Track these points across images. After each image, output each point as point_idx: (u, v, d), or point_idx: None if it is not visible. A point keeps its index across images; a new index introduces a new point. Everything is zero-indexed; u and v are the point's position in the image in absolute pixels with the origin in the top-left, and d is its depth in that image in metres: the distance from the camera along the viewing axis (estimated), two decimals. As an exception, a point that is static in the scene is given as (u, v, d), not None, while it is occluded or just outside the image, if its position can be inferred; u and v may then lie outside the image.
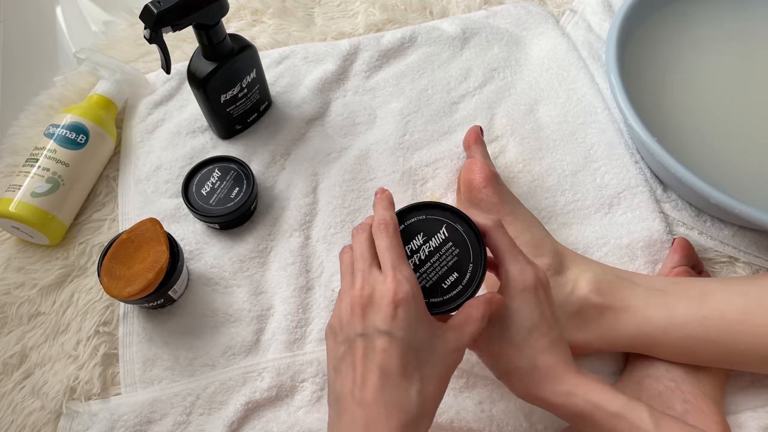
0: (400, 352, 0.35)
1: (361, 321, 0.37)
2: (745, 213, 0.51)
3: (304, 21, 0.75)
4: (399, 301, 0.36)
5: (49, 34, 0.81)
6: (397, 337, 0.35)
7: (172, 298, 0.55)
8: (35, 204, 0.57)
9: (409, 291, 0.36)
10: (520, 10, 0.75)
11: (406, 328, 0.36)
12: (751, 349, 0.45)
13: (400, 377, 0.35)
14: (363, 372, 0.35)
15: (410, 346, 0.35)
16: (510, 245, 0.41)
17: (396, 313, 0.36)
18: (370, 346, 0.36)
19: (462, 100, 0.68)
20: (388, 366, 0.35)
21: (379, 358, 0.35)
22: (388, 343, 0.35)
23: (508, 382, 0.42)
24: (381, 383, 0.34)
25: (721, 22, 0.68)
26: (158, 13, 0.48)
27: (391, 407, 0.34)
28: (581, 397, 0.39)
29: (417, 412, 0.34)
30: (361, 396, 0.35)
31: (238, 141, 0.65)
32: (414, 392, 0.34)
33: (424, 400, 0.35)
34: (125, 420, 0.52)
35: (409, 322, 0.36)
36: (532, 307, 0.40)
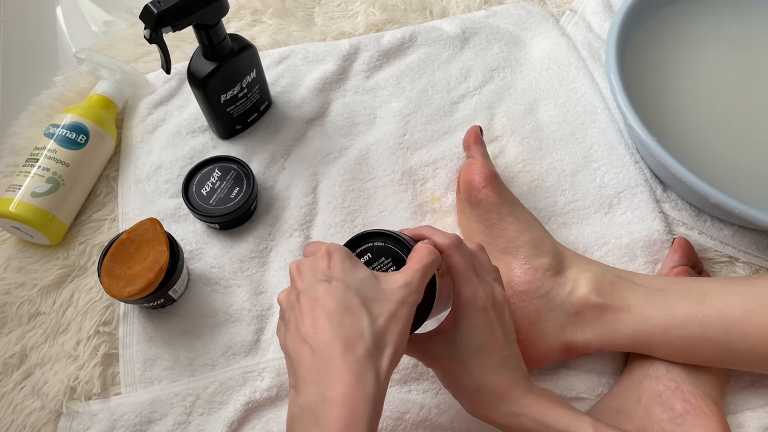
0: (341, 293, 0.35)
1: (300, 282, 0.37)
2: (745, 213, 0.51)
3: (304, 21, 0.75)
4: (331, 251, 0.37)
5: (49, 34, 0.81)
6: (334, 280, 0.36)
7: (172, 298, 0.55)
8: (35, 204, 0.57)
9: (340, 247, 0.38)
10: (520, 10, 0.75)
11: (343, 273, 0.36)
12: (751, 349, 0.45)
13: (346, 314, 0.35)
14: (311, 321, 0.35)
15: (350, 287, 0.36)
16: (462, 266, 0.41)
17: (330, 263, 0.37)
18: (311, 297, 0.36)
19: (462, 100, 0.68)
20: (332, 306, 0.35)
21: (322, 303, 0.35)
22: (327, 288, 0.36)
23: (459, 400, 0.43)
24: (330, 323, 0.35)
25: (721, 23, 0.68)
26: (158, 13, 0.48)
27: (346, 341, 0.34)
28: (527, 416, 0.40)
29: (373, 341, 0.34)
30: (314, 340, 0.35)
31: (238, 141, 0.65)
32: (365, 324, 0.35)
33: (378, 332, 0.35)
34: (125, 420, 0.52)
35: (344, 267, 0.37)
36: (481, 327, 0.41)
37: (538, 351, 0.50)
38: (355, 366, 0.33)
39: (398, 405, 0.51)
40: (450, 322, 0.42)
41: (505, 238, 0.52)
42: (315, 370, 0.34)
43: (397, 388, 0.52)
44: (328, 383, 0.33)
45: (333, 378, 0.33)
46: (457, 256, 0.42)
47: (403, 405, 0.51)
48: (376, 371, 0.34)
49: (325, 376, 0.34)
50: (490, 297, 0.41)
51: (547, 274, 0.51)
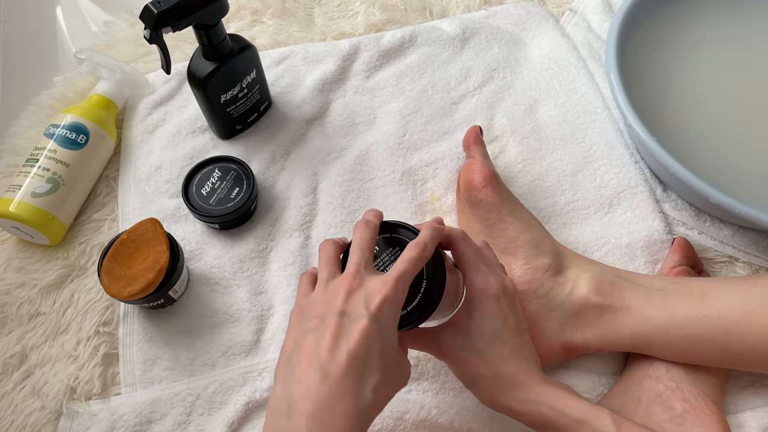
0: (372, 341, 0.35)
1: (344, 302, 0.36)
2: (745, 213, 0.51)
3: (304, 21, 0.75)
4: (389, 298, 0.36)
5: (49, 34, 0.81)
6: (375, 326, 0.35)
7: (172, 298, 0.55)
8: (35, 204, 0.57)
9: (400, 297, 0.37)
10: (520, 10, 0.75)
11: (385, 324, 0.36)
12: (751, 349, 0.45)
13: (365, 364, 0.34)
14: (332, 346, 0.34)
15: (381, 341, 0.35)
16: (473, 256, 0.42)
17: (382, 307, 0.36)
18: (347, 325, 0.35)
19: (462, 100, 0.68)
20: (360, 350, 0.34)
21: (354, 338, 0.34)
22: (366, 329, 0.35)
23: (473, 390, 0.43)
24: (348, 363, 0.34)
25: (721, 23, 0.68)
26: (158, 13, 0.48)
27: (350, 389, 0.34)
28: (544, 404, 0.39)
29: (370, 404, 0.34)
30: (326, 368, 0.34)
31: (238, 141, 0.65)
32: (371, 384, 0.34)
33: (377, 397, 0.35)
34: (125, 420, 0.52)
35: (389, 320, 0.36)
36: (494, 315, 0.41)
37: (538, 351, 0.50)
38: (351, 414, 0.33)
39: (398, 405, 0.51)
40: (463, 313, 0.42)
41: (505, 238, 0.52)
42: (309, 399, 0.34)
43: (397, 388, 0.52)
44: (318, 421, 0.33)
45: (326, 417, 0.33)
46: (466, 247, 0.42)
47: (403, 405, 0.51)
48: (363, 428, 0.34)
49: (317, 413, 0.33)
50: (502, 286, 0.42)
51: (547, 274, 0.51)
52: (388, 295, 0.36)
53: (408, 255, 0.38)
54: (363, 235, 0.40)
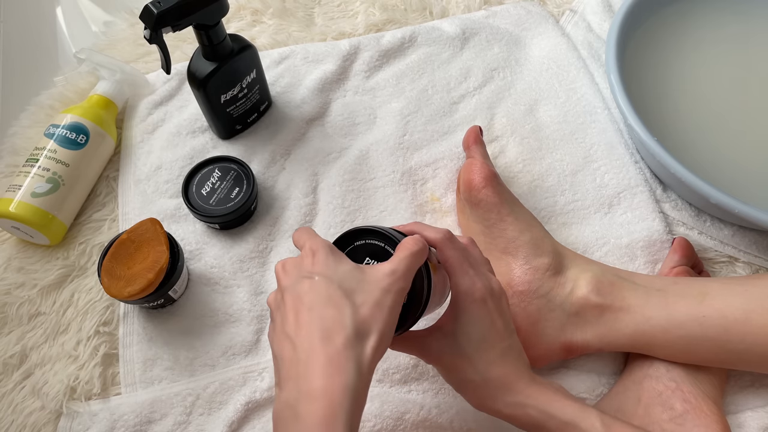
0: (323, 287, 0.35)
1: (285, 280, 0.38)
2: (745, 213, 0.51)
3: (304, 21, 0.75)
4: (315, 248, 0.38)
5: (49, 34, 0.81)
6: (317, 276, 0.36)
7: (172, 298, 0.55)
8: (35, 204, 0.57)
9: (323, 241, 0.38)
10: (520, 10, 0.75)
11: (325, 268, 0.36)
12: (751, 348, 0.45)
13: (328, 306, 0.35)
14: (294, 315, 0.35)
15: (332, 281, 0.36)
16: (458, 259, 0.42)
17: (314, 260, 0.37)
18: (295, 294, 0.36)
19: (462, 100, 0.68)
20: (314, 301, 0.35)
21: (305, 298, 0.35)
22: (310, 284, 0.36)
23: (463, 394, 0.43)
24: (310, 317, 0.35)
25: (721, 23, 0.68)
26: (158, 13, 0.48)
27: (325, 332, 0.34)
28: (533, 406, 0.39)
29: (354, 330, 0.34)
30: (295, 335, 0.35)
31: (238, 141, 0.65)
32: (347, 314, 0.34)
33: (359, 321, 0.35)
34: (125, 420, 0.52)
35: (327, 262, 0.37)
36: (481, 318, 0.41)
37: (538, 351, 0.50)
38: (334, 357, 0.33)
39: (398, 405, 0.51)
40: (449, 316, 0.42)
41: (505, 238, 0.52)
42: (295, 364, 0.34)
43: (397, 388, 0.52)
44: (306, 377, 0.33)
45: (311, 371, 0.33)
46: (451, 249, 0.42)
47: (403, 405, 0.51)
48: (357, 360, 0.34)
49: (303, 370, 0.33)
50: (488, 288, 0.42)
51: (547, 274, 0.51)
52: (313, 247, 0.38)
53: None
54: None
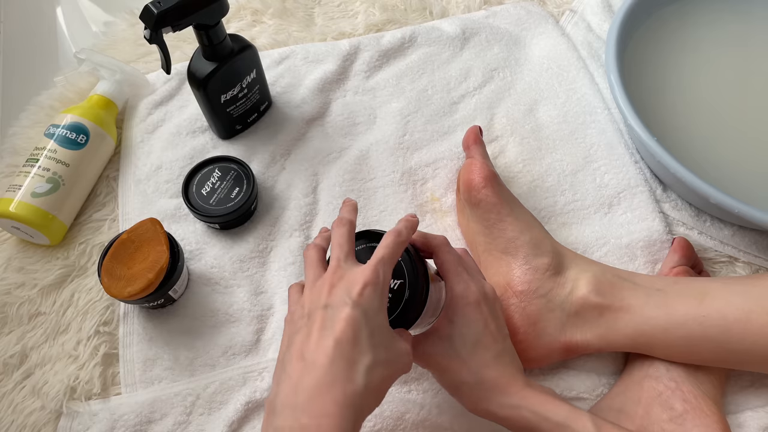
0: (358, 326, 0.35)
1: (327, 296, 0.37)
2: (745, 213, 0.51)
3: (304, 21, 0.75)
4: (369, 282, 0.36)
5: (49, 34, 0.81)
6: (358, 311, 0.35)
7: (173, 298, 0.55)
8: (35, 204, 0.57)
9: (380, 278, 0.37)
10: (520, 11, 0.75)
11: (369, 308, 0.36)
12: (751, 348, 0.45)
13: (353, 348, 0.34)
14: (318, 338, 0.35)
15: (368, 324, 0.35)
16: (454, 263, 0.43)
17: (363, 292, 0.36)
18: (331, 316, 0.35)
19: (462, 100, 0.68)
20: (345, 335, 0.34)
21: (338, 327, 0.35)
22: (349, 316, 0.35)
23: (458, 397, 0.43)
24: (334, 350, 0.34)
25: (721, 23, 0.68)
26: (158, 13, 0.48)
27: (339, 375, 0.34)
28: (527, 408, 0.40)
29: (362, 387, 0.34)
30: (313, 359, 0.34)
31: (238, 141, 0.65)
32: (362, 367, 0.34)
33: (370, 378, 0.34)
34: (125, 420, 0.52)
35: (373, 304, 0.36)
36: (475, 321, 0.42)
37: (538, 351, 0.50)
38: (340, 400, 0.33)
39: (398, 405, 0.51)
40: (445, 320, 0.43)
41: (505, 238, 0.52)
42: (299, 392, 0.34)
43: (397, 388, 0.52)
44: (308, 410, 0.33)
45: (315, 406, 0.33)
46: (447, 253, 0.43)
47: (403, 405, 0.51)
48: (356, 414, 0.33)
49: (306, 402, 0.33)
50: (482, 292, 0.43)
51: (546, 274, 0.51)
52: (368, 279, 0.36)
53: (385, 242, 0.39)
54: (339, 231, 0.41)
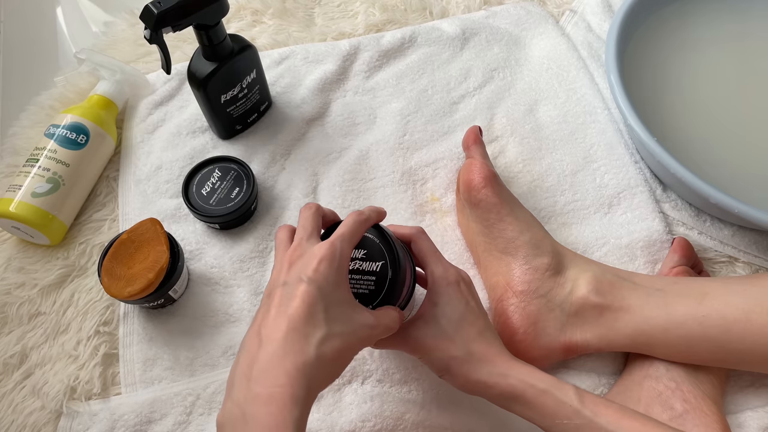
0: (312, 300, 0.36)
1: (286, 273, 0.38)
2: (745, 213, 0.51)
3: (304, 21, 0.75)
4: (325, 256, 0.38)
5: (49, 34, 0.81)
6: (313, 286, 0.36)
7: (173, 298, 0.55)
8: (36, 204, 0.57)
9: (336, 253, 0.38)
10: (520, 11, 0.75)
11: (324, 282, 0.37)
12: (751, 348, 0.45)
13: (306, 323, 0.36)
14: (275, 314, 0.36)
15: (323, 299, 0.36)
16: (431, 249, 0.46)
17: (319, 267, 0.37)
18: (287, 293, 0.37)
19: (462, 101, 0.68)
20: (299, 312, 0.36)
21: (294, 303, 0.36)
22: (304, 291, 0.36)
23: (448, 376, 0.44)
24: (288, 326, 0.35)
25: (720, 23, 0.68)
26: (158, 13, 0.48)
27: (290, 349, 0.35)
28: (514, 377, 0.42)
29: (314, 359, 0.35)
30: (268, 334, 0.36)
31: (238, 141, 0.65)
32: (315, 340, 0.35)
33: (323, 351, 0.36)
34: (125, 420, 0.52)
35: (329, 278, 0.37)
36: (457, 299, 0.44)
37: (538, 351, 0.50)
38: (291, 371, 0.34)
39: (398, 405, 0.51)
40: (428, 304, 0.45)
41: (505, 238, 0.53)
42: (254, 365, 0.35)
43: (397, 388, 0.52)
44: (260, 380, 0.34)
45: (267, 377, 0.34)
46: (425, 240, 0.46)
47: (403, 405, 0.51)
48: (308, 383, 0.35)
49: (259, 374, 0.34)
50: (459, 273, 0.46)
51: (546, 274, 0.51)
52: (324, 254, 0.38)
53: (346, 221, 0.41)
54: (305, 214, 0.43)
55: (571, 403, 0.40)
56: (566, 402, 0.40)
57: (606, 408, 0.40)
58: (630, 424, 0.39)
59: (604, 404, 0.41)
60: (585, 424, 0.40)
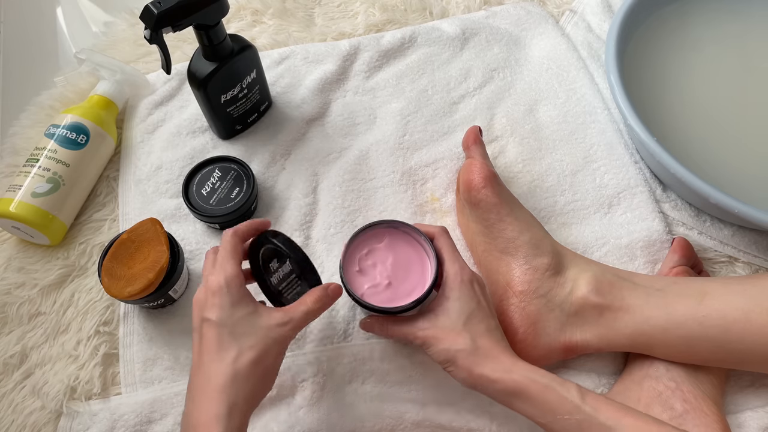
0: (216, 331, 0.41)
1: (196, 317, 0.43)
2: (745, 213, 0.51)
3: (304, 21, 0.76)
4: (214, 289, 0.42)
5: (49, 34, 0.81)
6: (213, 320, 0.41)
7: (173, 298, 0.55)
8: (36, 204, 0.57)
9: (222, 281, 0.42)
10: (520, 11, 0.75)
11: (220, 312, 0.42)
12: (750, 348, 0.45)
13: (217, 351, 0.41)
14: (197, 352, 0.42)
15: (225, 325, 0.41)
16: (451, 248, 0.49)
17: (214, 301, 0.42)
18: (200, 333, 0.42)
19: (462, 101, 0.68)
20: (210, 344, 0.41)
21: (205, 339, 0.42)
22: (207, 327, 0.42)
23: (453, 368, 0.45)
24: (205, 358, 0.41)
25: (720, 23, 0.68)
26: (158, 13, 0.48)
27: (209, 374, 0.40)
28: (518, 372, 0.43)
29: (230, 377, 0.40)
30: (194, 369, 0.42)
31: (238, 141, 0.65)
32: (228, 360, 0.40)
33: (237, 368, 0.40)
34: (125, 420, 0.52)
35: (223, 306, 0.42)
36: (469, 296, 0.46)
37: (538, 351, 0.50)
38: (212, 394, 0.39)
39: (398, 405, 0.51)
40: (441, 297, 0.47)
41: (505, 238, 0.53)
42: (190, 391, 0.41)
43: (397, 388, 0.52)
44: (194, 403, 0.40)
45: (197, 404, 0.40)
46: (446, 239, 0.49)
47: (403, 405, 0.51)
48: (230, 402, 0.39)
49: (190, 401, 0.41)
50: (475, 275, 0.48)
51: (546, 274, 0.51)
52: (212, 287, 0.42)
53: (222, 240, 0.45)
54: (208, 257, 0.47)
55: (573, 399, 0.41)
56: (568, 398, 0.41)
57: (607, 405, 0.41)
58: (631, 421, 0.39)
59: (605, 401, 0.41)
60: (585, 420, 0.40)
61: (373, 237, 0.51)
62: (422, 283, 0.49)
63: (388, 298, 0.48)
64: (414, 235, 0.50)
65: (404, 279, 0.49)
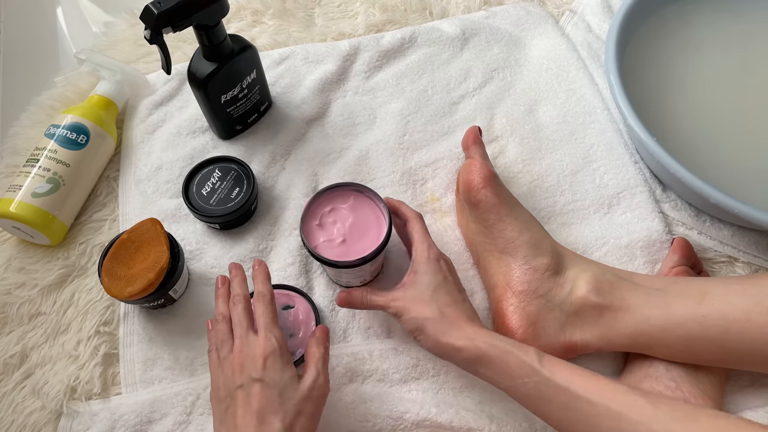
0: (268, 393, 0.42)
1: (240, 375, 0.44)
2: (745, 213, 0.51)
3: (304, 22, 0.76)
4: (267, 354, 0.44)
5: (49, 34, 0.81)
6: (266, 382, 0.43)
7: (173, 298, 0.55)
8: (36, 204, 0.57)
9: (276, 345, 0.45)
10: (520, 11, 0.75)
11: (273, 374, 0.43)
12: (750, 348, 0.45)
13: (269, 413, 0.42)
14: (243, 413, 0.42)
15: (275, 387, 0.43)
16: (422, 232, 0.51)
17: (266, 364, 0.44)
18: (247, 392, 0.43)
19: (462, 101, 0.69)
20: (262, 405, 0.42)
21: (255, 400, 0.42)
22: (260, 387, 0.43)
23: (422, 337, 0.47)
24: (257, 420, 0.42)
25: (721, 24, 0.68)
26: (159, 13, 0.48)
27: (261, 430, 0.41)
28: (480, 339, 0.45)
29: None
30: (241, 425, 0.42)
31: (238, 141, 0.65)
32: (278, 423, 0.41)
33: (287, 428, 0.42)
34: (126, 420, 0.52)
35: (275, 369, 0.44)
36: (435, 272, 0.49)
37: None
38: None
39: (398, 405, 0.51)
40: (411, 275, 0.50)
41: (504, 238, 0.53)
42: None
43: (397, 387, 0.52)
44: None
45: None
46: (419, 224, 0.52)
47: (403, 405, 0.51)
48: None
49: None
50: (443, 255, 0.51)
51: (546, 274, 0.51)
52: (265, 351, 0.44)
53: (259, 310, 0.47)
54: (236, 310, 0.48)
55: (531, 363, 0.43)
56: (526, 361, 0.43)
57: (562, 367, 0.43)
58: (583, 381, 0.42)
59: (562, 364, 0.43)
60: (542, 382, 0.42)
61: (339, 197, 0.53)
62: (374, 246, 0.50)
63: (340, 254, 0.50)
64: (377, 202, 0.52)
65: (358, 239, 0.51)
